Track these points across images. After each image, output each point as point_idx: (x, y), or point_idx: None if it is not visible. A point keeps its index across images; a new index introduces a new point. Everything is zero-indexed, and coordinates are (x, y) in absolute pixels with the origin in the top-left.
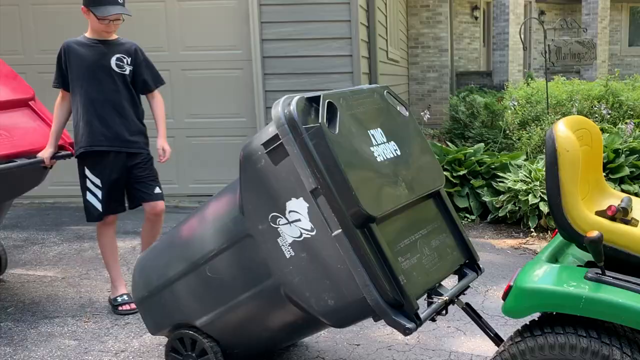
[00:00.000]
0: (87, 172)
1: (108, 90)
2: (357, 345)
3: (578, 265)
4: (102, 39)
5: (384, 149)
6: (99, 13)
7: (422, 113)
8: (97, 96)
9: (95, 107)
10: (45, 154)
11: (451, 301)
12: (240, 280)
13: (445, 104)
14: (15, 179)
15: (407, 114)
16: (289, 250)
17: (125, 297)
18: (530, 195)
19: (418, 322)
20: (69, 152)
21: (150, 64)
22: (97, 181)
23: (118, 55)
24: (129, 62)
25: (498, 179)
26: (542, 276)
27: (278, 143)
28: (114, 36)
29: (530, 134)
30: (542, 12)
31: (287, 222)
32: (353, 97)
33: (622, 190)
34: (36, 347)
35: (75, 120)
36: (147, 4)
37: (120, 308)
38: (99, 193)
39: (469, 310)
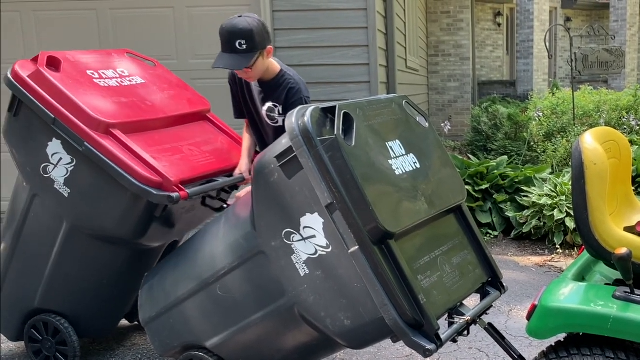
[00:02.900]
0: None
1: (260, 134)
2: None
3: (606, 284)
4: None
5: (402, 162)
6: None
7: (442, 124)
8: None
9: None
10: (243, 167)
11: (473, 321)
12: (253, 299)
13: (467, 115)
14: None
15: (426, 124)
16: (303, 268)
17: None
18: (555, 211)
19: (439, 343)
20: None
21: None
22: None
23: (270, 105)
24: (280, 112)
25: (522, 194)
26: (568, 295)
27: (292, 156)
28: (275, 68)
29: (555, 146)
30: (568, 19)
31: (301, 238)
32: (370, 107)
33: None
34: None
35: None
36: (155, 10)
37: None
38: None
39: (492, 330)
